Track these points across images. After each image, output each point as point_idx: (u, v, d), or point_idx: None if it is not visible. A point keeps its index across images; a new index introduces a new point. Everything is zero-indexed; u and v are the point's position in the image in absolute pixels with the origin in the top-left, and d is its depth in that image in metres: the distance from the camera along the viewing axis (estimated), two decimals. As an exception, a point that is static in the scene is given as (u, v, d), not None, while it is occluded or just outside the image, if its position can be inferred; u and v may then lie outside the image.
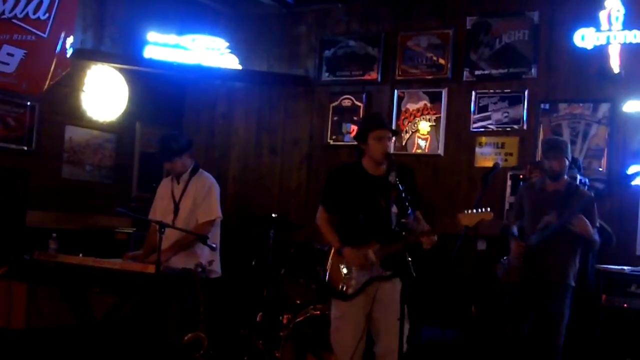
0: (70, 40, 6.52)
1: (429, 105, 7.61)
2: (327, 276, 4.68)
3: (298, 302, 5.91)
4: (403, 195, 4.29)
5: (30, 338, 5.94)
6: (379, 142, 4.56)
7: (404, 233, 4.26)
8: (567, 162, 5.31)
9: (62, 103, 7.19)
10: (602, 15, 6.65)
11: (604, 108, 6.83)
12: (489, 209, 4.35)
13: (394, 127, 7.42)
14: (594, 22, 6.69)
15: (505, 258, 5.44)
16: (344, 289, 4.55)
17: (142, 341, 5.43)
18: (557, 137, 6.59)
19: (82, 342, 5.54)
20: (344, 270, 4.57)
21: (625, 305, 5.88)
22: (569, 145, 5.46)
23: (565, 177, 5.39)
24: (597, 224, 5.35)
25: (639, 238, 6.55)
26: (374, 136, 4.57)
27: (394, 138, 5.97)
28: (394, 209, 4.42)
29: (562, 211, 5.13)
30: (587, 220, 5.08)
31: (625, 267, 6.09)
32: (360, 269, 4.54)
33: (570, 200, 5.20)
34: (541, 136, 6.99)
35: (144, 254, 5.53)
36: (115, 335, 5.50)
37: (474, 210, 4.35)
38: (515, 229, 5.53)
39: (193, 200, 5.50)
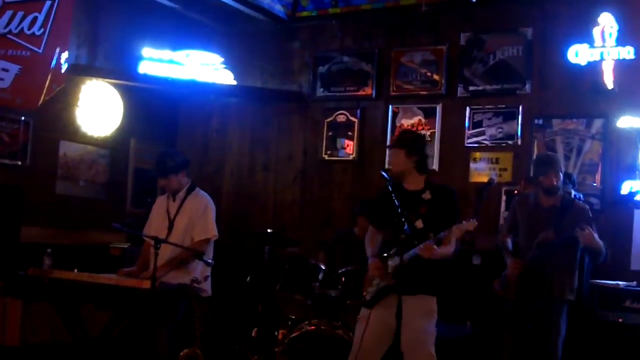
0: (65, 55, 6.53)
1: (423, 120, 7.62)
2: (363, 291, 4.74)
3: (293, 317, 5.89)
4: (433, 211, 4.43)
5: (25, 354, 5.91)
6: None
7: (416, 242, 4.29)
8: (561, 176, 5.31)
9: (56, 118, 7.19)
10: (596, 31, 6.69)
11: (597, 123, 6.85)
12: (473, 220, 4.34)
13: (388, 142, 7.52)
14: (588, 39, 6.72)
15: (504, 273, 5.42)
16: (365, 296, 4.63)
17: (136, 357, 5.40)
18: (548, 153, 6.61)
19: (78, 358, 5.51)
20: (373, 281, 4.61)
21: (620, 320, 5.89)
22: (561, 160, 5.48)
23: (560, 191, 5.39)
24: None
25: (634, 253, 6.54)
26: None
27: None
28: (419, 224, 4.45)
29: (559, 227, 5.13)
30: (592, 232, 5.06)
31: (620, 282, 6.11)
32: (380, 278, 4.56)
33: (566, 215, 5.20)
34: (535, 151, 7.01)
35: (138, 270, 5.52)
36: (110, 351, 5.47)
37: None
38: (510, 243, 5.50)
39: (189, 219, 5.50)
